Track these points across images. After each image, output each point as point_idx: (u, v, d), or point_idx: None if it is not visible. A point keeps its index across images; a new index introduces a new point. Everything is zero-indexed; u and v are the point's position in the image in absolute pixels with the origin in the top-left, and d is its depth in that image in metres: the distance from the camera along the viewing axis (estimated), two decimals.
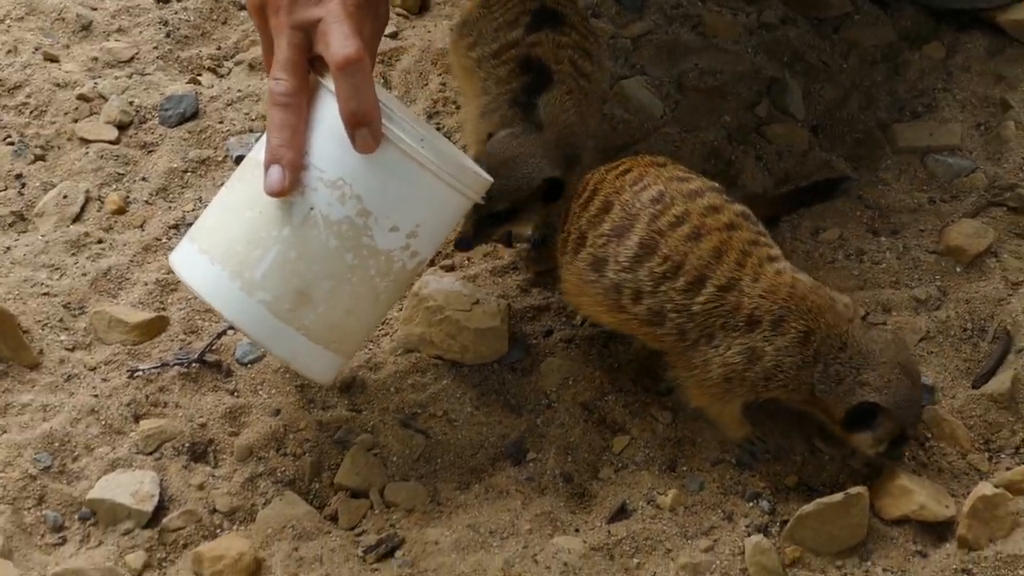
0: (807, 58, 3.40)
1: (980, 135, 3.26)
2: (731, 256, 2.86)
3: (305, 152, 2.77)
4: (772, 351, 2.85)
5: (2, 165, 3.32)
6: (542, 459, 3.04)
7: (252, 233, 2.77)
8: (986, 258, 3.16)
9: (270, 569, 2.90)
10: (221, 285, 2.79)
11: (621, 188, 2.90)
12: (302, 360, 2.83)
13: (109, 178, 3.30)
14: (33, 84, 3.36)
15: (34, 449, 3.01)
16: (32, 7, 3.49)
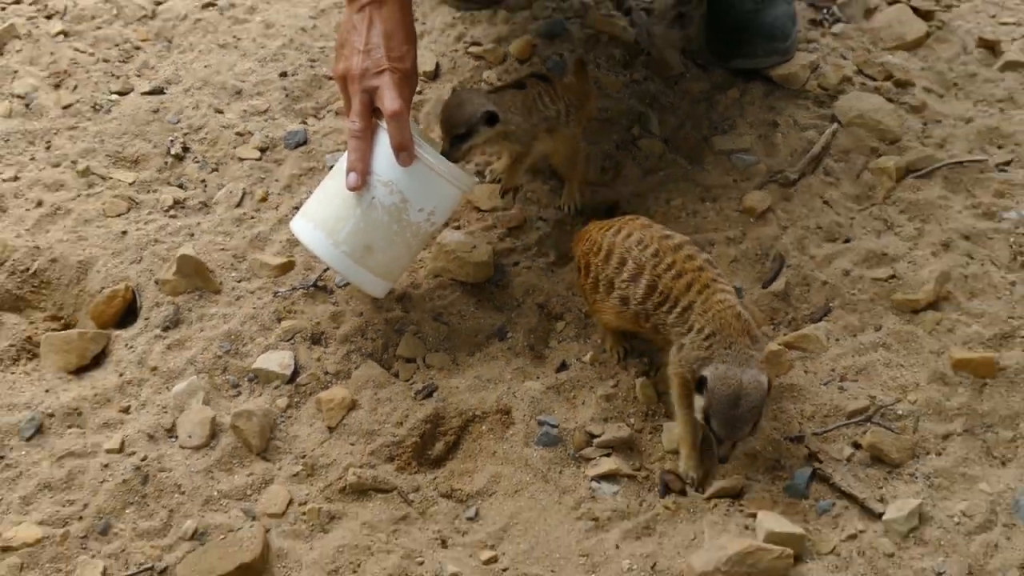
0: (660, 100, 3.41)
1: (761, 142, 3.25)
2: (695, 288, 2.72)
3: (370, 165, 2.84)
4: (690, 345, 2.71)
5: (193, 175, 3.36)
6: (516, 337, 3.05)
7: (339, 212, 2.90)
8: (767, 213, 3.13)
9: (360, 405, 2.91)
10: (320, 242, 2.90)
11: (629, 248, 2.79)
12: (368, 286, 2.97)
13: (256, 180, 3.35)
14: (209, 126, 3.39)
15: (219, 340, 3.04)
16: (206, 81, 3.45)
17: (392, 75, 2.84)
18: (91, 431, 2.88)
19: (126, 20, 3.75)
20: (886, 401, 2.87)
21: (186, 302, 3.09)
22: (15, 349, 3.07)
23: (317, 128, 3.43)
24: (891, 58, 3.55)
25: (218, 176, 3.34)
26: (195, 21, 3.75)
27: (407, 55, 2.88)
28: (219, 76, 3.55)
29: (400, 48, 2.87)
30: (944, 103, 3.45)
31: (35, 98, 3.54)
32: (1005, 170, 3.29)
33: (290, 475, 2.80)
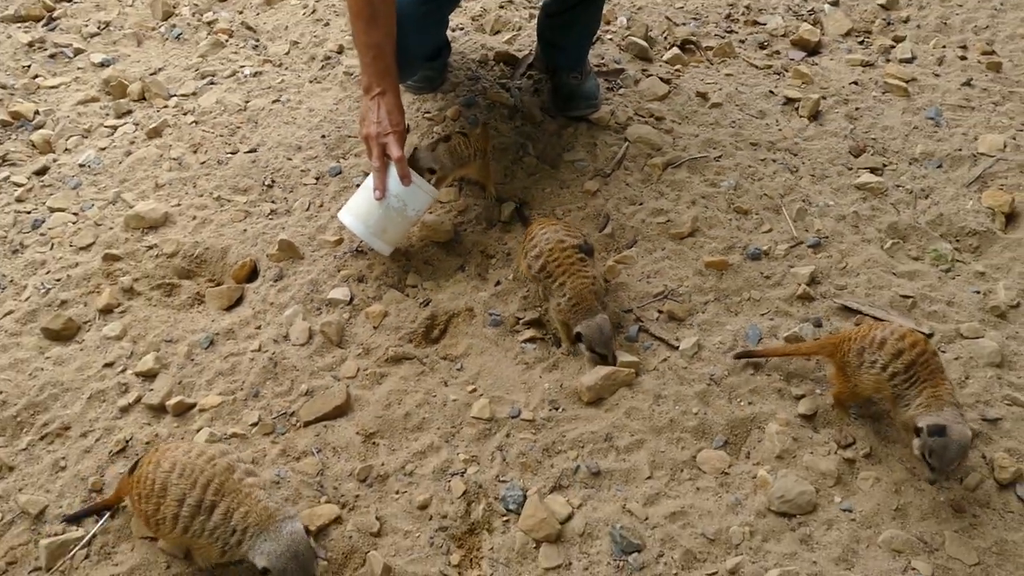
0: (533, 136, 3.38)
1: (589, 155, 3.27)
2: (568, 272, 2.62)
3: (386, 186, 2.81)
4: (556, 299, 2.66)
5: (279, 196, 3.30)
6: (470, 269, 3.03)
7: (369, 210, 2.83)
8: (597, 192, 3.15)
9: (389, 313, 2.87)
10: (359, 228, 2.84)
11: (538, 239, 2.71)
12: (383, 250, 2.90)
13: (315, 195, 3.30)
14: (284, 168, 3.34)
15: (307, 285, 2.98)
16: (280, 143, 3.39)
17: (394, 136, 2.78)
18: (240, 340, 2.82)
19: (230, 112, 3.65)
20: (672, 287, 2.90)
21: (285, 266, 3.03)
22: (190, 299, 2.99)
23: (346, 164, 3.36)
24: (651, 105, 3.54)
25: (293, 195, 3.26)
26: (269, 111, 3.65)
27: (401, 122, 2.82)
28: (287, 140, 3.46)
29: (396, 119, 2.81)
30: (682, 128, 3.45)
31: (183, 159, 3.45)
32: (718, 160, 3.31)
33: (355, 355, 2.76)
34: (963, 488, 2.36)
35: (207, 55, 3.96)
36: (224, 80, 3.81)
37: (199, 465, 2.10)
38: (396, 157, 2.79)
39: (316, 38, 4.01)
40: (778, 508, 2.32)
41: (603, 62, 3.77)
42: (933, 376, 2.27)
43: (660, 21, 4.06)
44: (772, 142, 3.42)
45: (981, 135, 3.38)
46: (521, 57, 3.79)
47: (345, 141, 3.45)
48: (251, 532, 2.04)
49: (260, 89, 3.76)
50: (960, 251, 3.03)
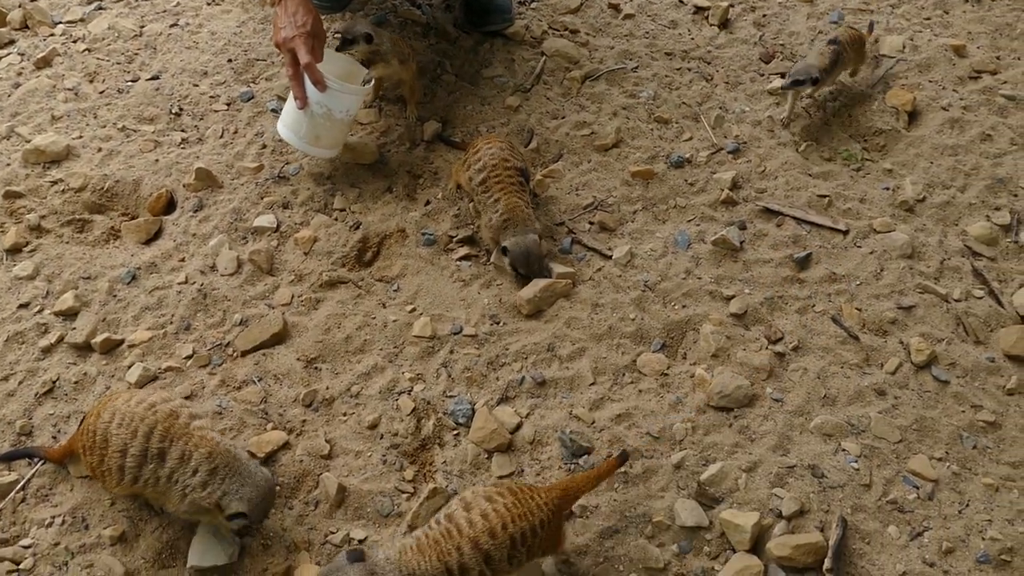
0: (449, 54, 3.29)
1: (507, 70, 3.25)
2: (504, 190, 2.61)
3: (305, 93, 2.72)
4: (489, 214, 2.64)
5: (189, 124, 3.12)
6: (398, 190, 2.95)
7: (297, 119, 2.77)
8: (519, 108, 3.13)
9: (319, 238, 2.80)
10: (291, 137, 2.80)
11: (483, 152, 2.68)
12: (323, 155, 2.86)
13: (228, 122, 3.16)
14: (191, 95, 3.12)
15: (229, 215, 2.86)
16: (183, 69, 3.25)
17: (299, 39, 2.66)
18: (165, 273, 2.71)
19: (124, 38, 3.43)
20: (601, 198, 2.91)
21: (204, 195, 2.90)
22: (106, 234, 2.85)
23: (257, 88, 3.22)
24: (565, 18, 3.50)
25: (204, 123, 3.12)
26: (168, 35, 3.44)
27: (308, 21, 2.68)
28: (191, 65, 3.29)
29: (304, 18, 2.67)
30: (597, 40, 3.43)
31: (80, 89, 3.24)
32: (636, 72, 3.31)
33: (288, 282, 2.69)
34: (884, 372, 2.49)
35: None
36: (114, 5, 3.56)
37: (139, 413, 1.99)
38: (304, 63, 2.66)
39: None
40: (717, 403, 2.39)
41: None
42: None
43: None
44: (686, 51, 3.43)
45: (882, 37, 3.47)
46: None
47: (254, 65, 3.29)
48: (220, 475, 1.96)
49: (154, 13, 3.54)
50: (868, 150, 3.13)
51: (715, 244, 2.77)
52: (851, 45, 3.11)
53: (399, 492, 2.25)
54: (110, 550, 2.14)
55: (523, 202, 2.65)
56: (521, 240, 2.57)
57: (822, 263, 2.73)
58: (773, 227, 2.84)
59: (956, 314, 2.59)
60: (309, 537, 2.18)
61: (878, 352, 2.52)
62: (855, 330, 2.57)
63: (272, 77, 3.24)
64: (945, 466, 2.28)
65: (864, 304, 2.62)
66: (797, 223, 2.85)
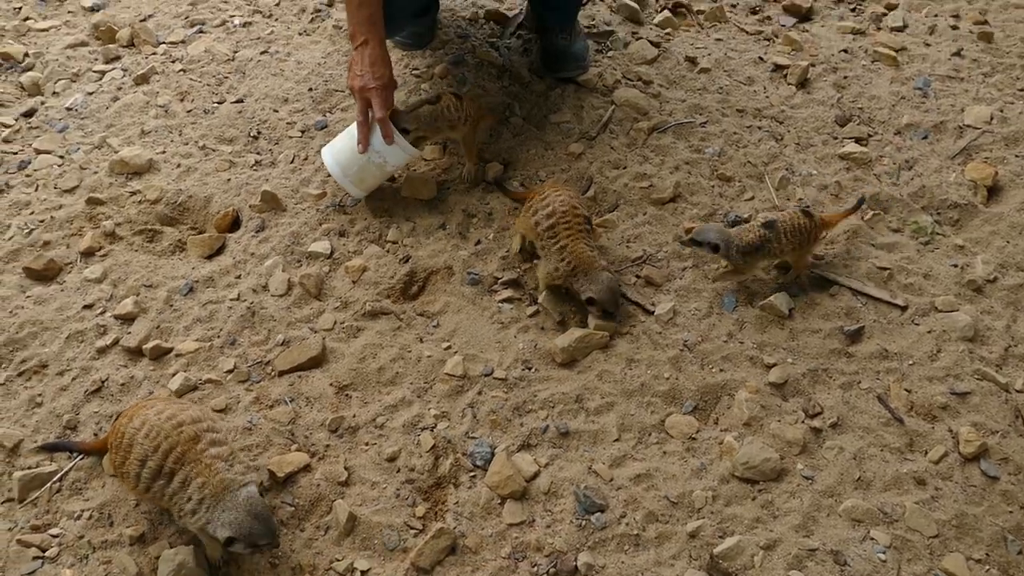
0: (520, 96, 3.30)
1: (575, 117, 3.21)
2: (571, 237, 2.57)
3: (369, 140, 2.79)
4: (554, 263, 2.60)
5: (264, 147, 3.23)
6: (451, 228, 2.95)
7: (350, 160, 2.83)
8: (581, 155, 3.09)
9: (369, 268, 2.81)
10: (338, 173, 2.85)
11: (551, 200, 2.63)
12: (358, 195, 2.92)
13: (300, 147, 3.23)
14: (271, 120, 3.23)
15: (288, 237, 2.93)
16: (267, 95, 3.32)
17: (376, 90, 2.74)
18: (220, 288, 2.78)
19: (218, 62, 3.57)
20: (651, 252, 2.85)
21: (268, 217, 2.97)
22: (172, 246, 2.95)
23: (332, 118, 3.29)
24: (639, 68, 3.46)
25: (279, 147, 3.21)
26: (257, 61, 3.57)
27: (385, 74, 2.76)
28: (274, 91, 3.40)
29: (380, 71, 2.75)
30: (669, 92, 3.38)
31: (170, 107, 3.39)
32: (704, 127, 3.25)
33: (333, 307, 2.71)
34: (927, 460, 2.33)
35: (197, 3, 3.86)
36: (213, 29, 3.72)
37: (165, 429, 2.05)
38: (378, 116, 2.74)
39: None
40: (742, 474, 2.29)
41: (593, 23, 3.68)
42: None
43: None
44: (759, 109, 3.35)
45: (968, 107, 3.31)
46: (511, 16, 3.70)
47: (332, 95, 3.37)
48: (207, 504, 2.01)
49: (249, 40, 3.67)
50: (941, 224, 2.97)
51: (762, 309, 2.67)
52: (789, 235, 2.61)
53: (407, 528, 2.23)
54: (128, 549, 2.19)
55: (589, 248, 2.62)
56: (603, 285, 2.55)
57: (874, 338, 2.60)
58: (827, 296, 2.71)
59: (1016, 406, 2.43)
60: (315, 561, 2.18)
61: (923, 438, 2.38)
62: (901, 412, 2.43)
63: (347, 108, 3.31)
64: (984, 569, 2.13)
65: (914, 386, 2.49)
66: (853, 294, 2.72)
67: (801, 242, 2.63)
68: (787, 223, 2.61)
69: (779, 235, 2.60)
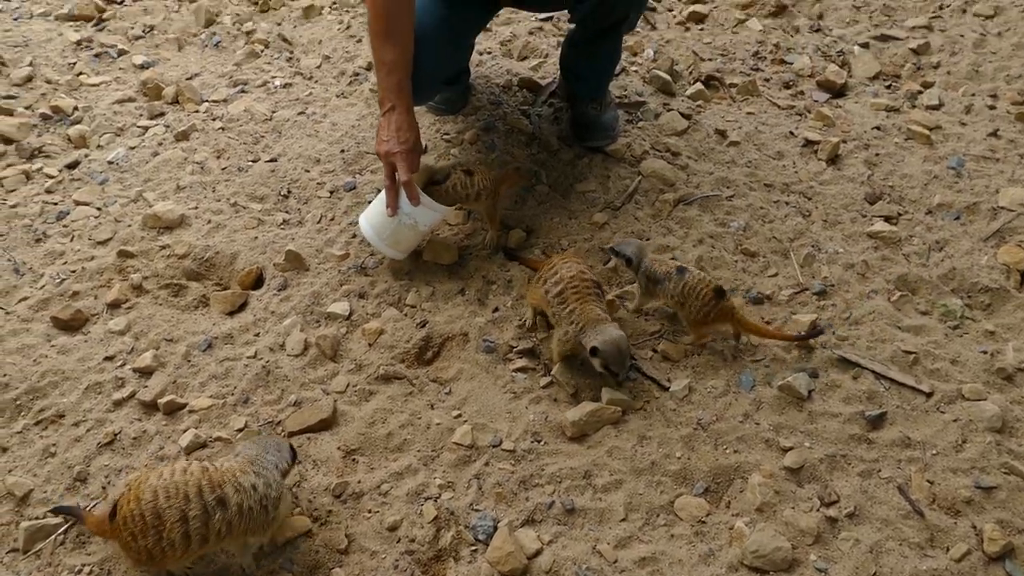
0: (547, 164, 3.30)
1: (601, 186, 3.20)
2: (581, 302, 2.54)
3: (398, 203, 2.80)
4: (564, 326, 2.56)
5: (293, 206, 3.26)
6: (470, 293, 2.94)
7: (383, 223, 2.84)
8: (605, 225, 3.09)
9: (386, 331, 2.80)
10: (373, 236, 2.86)
11: (553, 269, 2.62)
12: (395, 256, 2.93)
13: (328, 208, 3.28)
14: (302, 180, 3.31)
15: (309, 296, 2.94)
16: (300, 155, 3.36)
17: (402, 155, 2.74)
18: (238, 346, 2.78)
19: (256, 121, 3.65)
20: (670, 326, 2.79)
21: (290, 276, 2.99)
22: (196, 301, 2.97)
23: (362, 180, 3.32)
24: (669, 140, 3.45)
25: (307, 207, 3.24)
26: (293, 122, 3.64)
27: (410, 139, 2.77)
28: (307, 152, 3.45)
29: (406, 136, 2.76)
30: (698, 164, 3.36)
31: (206, 163, 3.45)
32: (730, 200, 3.22)
33: (348, 370, 2.70)
34: (948, 558, 2.21)
35: (242, 64, 3.96)
36: (255, 89, 3.81)
37: (177, 481, 2.05)
38: (403, 180, 2.75)
39: (347, 53, 3.99)
40: (751, 563, 2.19)
41: (625, 94, 3.69)
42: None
43: (687, 55, 3.96)
44: (787, 184, 3.30)
45: (1003, 188, 3.22)
46: (544, 84, 3.73)
47: (363, 157, 3.41)
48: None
49: (288, 100, 3.75)
50: (971, 308, 2.87)
51: (781, 390, 2.58)
52: (688, 295, 2.63)
53: None
54: None
55: (600, 309, 2.57)
56: (609, 337, 2.48)
57: (897, 425, 2.50)
58: (849, 379, 2.62)
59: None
60: None
61: (945, 534, 2.26)
62: (922, 505, 2.32)
63: (376, 171, 3.34)
64: None
65: (938, 477, 2.37)
66: (876, 378, 2.62)
67: (699, 311, 2.63)
68: (693, 284, 2.63)
69: (679, 286, 2.65)
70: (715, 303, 2.61)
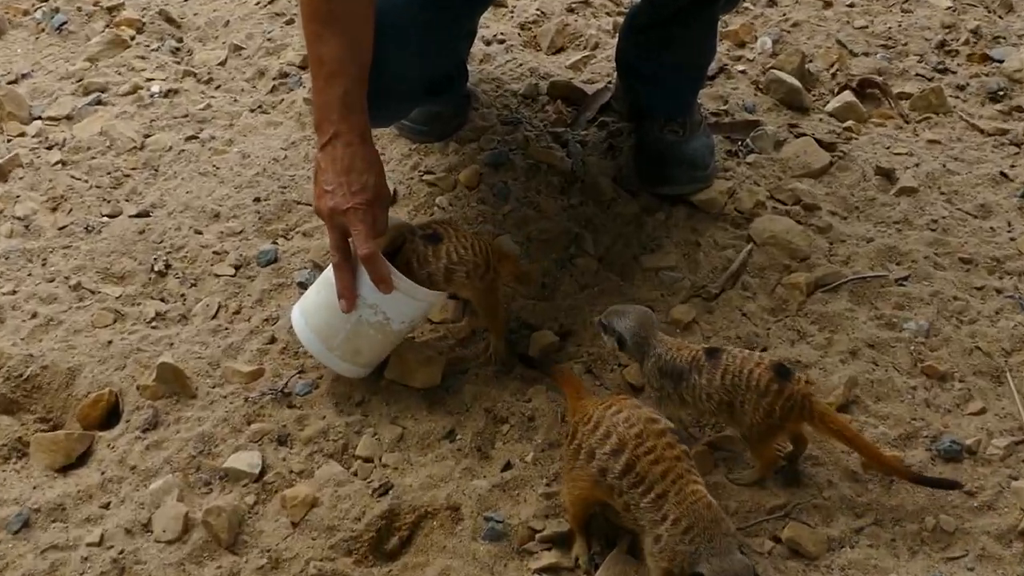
0: (594, 222, 3.33)
1: (685, 260, 3.20)
2: (671, 476, 2.46)
3: (355, 291, 2.78)
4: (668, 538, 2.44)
5: (173, 289, 3.31)
6: (464, 438, 2.91)
7: (331, 323, 2.86)
8: (692, 325, 3.05)
9: (322, 502, 2.76)
10: (316, 345, 2.89)
11: (616, 423, 2.53)
12: (353, 374, 2.97)
13: (231, 295, 3.27)
14: (189, 246, 3.36)
15: (194, 442, 2.91)
16: (187, 205, 3.43)
17: (355, 212, 2.70)
18: (73, 525, 2.74)
19: (118, 151, 3.72)
20: (803, 497, 2.74)
21: (164, 406, 2.97)
22: (7, 448, 2.93)
23: (286, 247, 3.35)
24: (799, 184, 3.49)
25: (196, 291, 3.26)
26: (179, 152, 3.71)
27: (368, 185, 2.73)
28: (199, 201, 3.50)
29: (359, 181, 2.72)
30: (847, 224, 3.39)
31: (34, 220, 3.50)
32: (904, 284, 3.22)
33: (255, 568, 2.64)
34: None
35: (99, 58, 4.03)
36: (118, 99, 3.87)
37: None
38: (363, 253, 2.70)
39: (270, 43, 4.06)
40: None
41: (724, 109, 3.72)
42: None
43: (827, 47, 4.03)
44: (997, 259, 3.29)
45: None
46: (592, 93, 3.76)
47: (291, 210, 3.44)
48: None
49: (172, 117, 3.80)
50: None
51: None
52: (738, 385, 2.64)
53: None
54: None
55: (702, 488, 2.49)
56: (730, 568, 2.39)
57: None
58: None
59: None
60: None
61: None
62: None
63: (313, 233, 3.37)
64: None
65: None
66: None
67: (756, 412, 2.62)
68: (737, 369, 2.64)
69: (716, 377, 2.65)
70: (778, 389, 2.60)
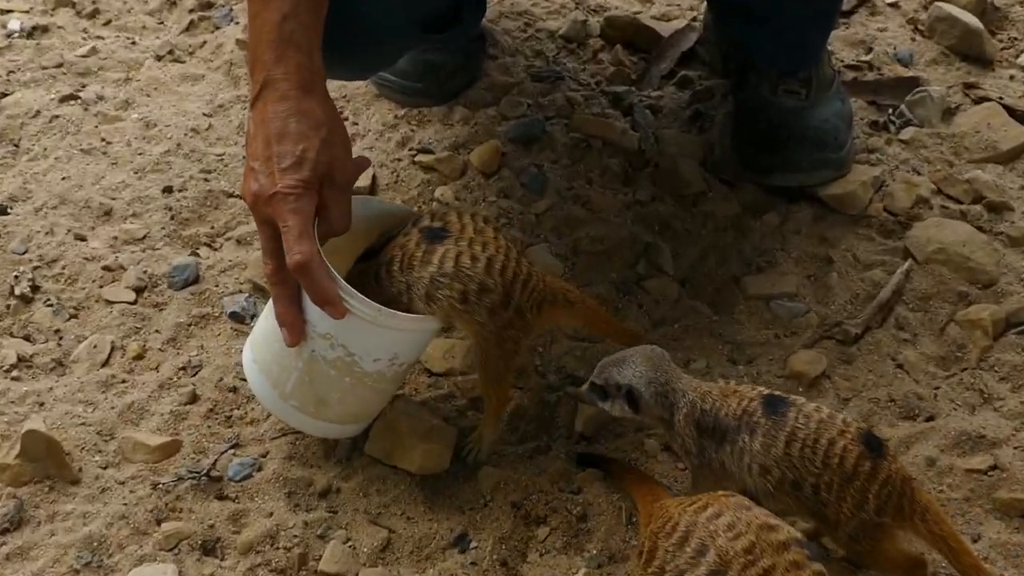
0: (673, 226, 3.36)
1: (811, 284, 3.18)
2: None
3: (300, 314, 2.81)
4: None
5: (43, 323, 3.29)
6: (482, 548, 2.91)
7: (280, 360, 2.93)
8: (821, 380, 3.04)
9: None
10: (266, 391, 2.97)
11: (715, 533, 2.49)
12: (334, 434, 3.05)
13: (129, 331, 3.26)
14: (67, 258, 3.34)
15: (77, 549, 2.92)
16: (64, 198, 3.34)
17: (284, 199, 2.66)
18: None
19: None
20: None
21: (32, 496, 2.98)
22: None
23: (212, 261, 3.36)
24: (980, 173, 3.51)
25: (78, 325, 3.28)
26: (51, 119, 3.72)
27: (305, 157, 2.68)
28: (81, 191, 3.51)
29: (293, 152, 2.68)
30: None
31: None
32: None
33: None
34: None
35: None
36: None
37: None
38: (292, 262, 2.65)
39: None
40: None
41: (867, 60, 3.81)
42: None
43: None
44: None
45: None
46: (668, 36, 3.85)
47: (219, 205, 3.50)
48: None
49: (39, 67, 3.85)
50: None
51: None
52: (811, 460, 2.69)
53: None
54: None
55: None
56: None
57: None
58: None
59: None
60: None
61: None
62: None
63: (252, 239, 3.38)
64: None
65: None
66: None
67: (842, 498, 2.67)
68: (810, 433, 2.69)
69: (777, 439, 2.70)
70: (871, 468, 2.64)
